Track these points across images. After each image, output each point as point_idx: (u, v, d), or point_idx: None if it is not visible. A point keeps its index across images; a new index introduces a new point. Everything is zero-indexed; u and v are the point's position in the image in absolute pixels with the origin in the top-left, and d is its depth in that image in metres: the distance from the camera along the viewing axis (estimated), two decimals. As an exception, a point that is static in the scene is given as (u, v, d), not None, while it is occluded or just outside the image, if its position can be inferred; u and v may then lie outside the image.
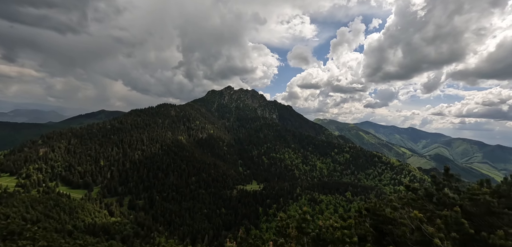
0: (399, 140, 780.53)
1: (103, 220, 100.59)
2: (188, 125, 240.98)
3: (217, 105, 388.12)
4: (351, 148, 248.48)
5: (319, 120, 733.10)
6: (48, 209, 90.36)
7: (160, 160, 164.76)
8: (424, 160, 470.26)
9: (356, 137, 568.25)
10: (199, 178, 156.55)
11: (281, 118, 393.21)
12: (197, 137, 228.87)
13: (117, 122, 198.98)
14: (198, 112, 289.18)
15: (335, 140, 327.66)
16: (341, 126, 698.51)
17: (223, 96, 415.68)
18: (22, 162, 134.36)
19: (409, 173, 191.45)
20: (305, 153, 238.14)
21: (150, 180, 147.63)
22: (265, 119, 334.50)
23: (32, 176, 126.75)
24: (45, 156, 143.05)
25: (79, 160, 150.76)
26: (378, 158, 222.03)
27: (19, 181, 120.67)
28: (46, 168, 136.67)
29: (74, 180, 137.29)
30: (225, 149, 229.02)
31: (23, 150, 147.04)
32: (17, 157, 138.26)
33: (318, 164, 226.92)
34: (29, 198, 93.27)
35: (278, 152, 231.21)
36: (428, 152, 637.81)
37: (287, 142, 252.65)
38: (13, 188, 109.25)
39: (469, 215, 4.98)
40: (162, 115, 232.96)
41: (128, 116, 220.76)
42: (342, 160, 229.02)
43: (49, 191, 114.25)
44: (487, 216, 4.72)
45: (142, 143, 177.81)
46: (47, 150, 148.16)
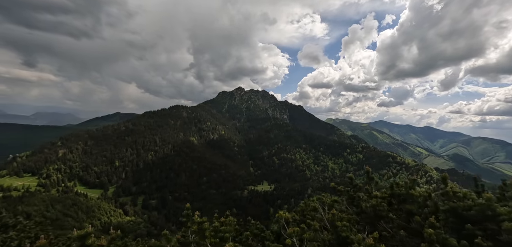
0: (415, 140, 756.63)
1: (118, 219, 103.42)
2: (199, 126, 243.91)
3: (227, 106, 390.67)
4: (364, 147, 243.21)
5: (331, 120, 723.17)
6: (67, 208, 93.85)
7: (172, 160, 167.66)
8: (442, 160, 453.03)
9: (369, 136, 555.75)
10: (210, 179, 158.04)
11: (292, 118, 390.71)
12: (208, 138, 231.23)
13: (130, 124, 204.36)
14: (209, 114, 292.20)
15: (348, 139, 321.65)
16: (353, 126, 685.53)
17: (234, 97, 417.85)
18: (43, 162, 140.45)
19: (425, 173, 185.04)
20: (316, 153, 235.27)
21: (162, 180, 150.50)
22: (275, 119, 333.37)
23: (52, 176, 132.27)
24: (63, 157, 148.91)
25: (95, 160, 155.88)
26: (393, 158, 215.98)
27: (40, 180, 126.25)
28: (64, 168, 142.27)
29: (90, 180, 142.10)
30: (235, 149, 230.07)
31: (44, 151, 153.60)
32: (38, 157, 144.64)
33: (330, 164, 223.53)
34: (49, 197, 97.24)
35: (289, 152, 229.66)
36: (446, 151, 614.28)
37: (298, 142, 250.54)
38: (35, 187, 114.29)
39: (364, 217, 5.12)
40: (174, 117, 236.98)
41: (141, 118, 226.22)
42: (355, 160, 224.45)
43: (67, 191, 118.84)
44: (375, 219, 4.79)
45: (155, 144, 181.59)
46: (65, 151, 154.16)
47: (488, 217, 3.46)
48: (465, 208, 3.72)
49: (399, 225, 4.35)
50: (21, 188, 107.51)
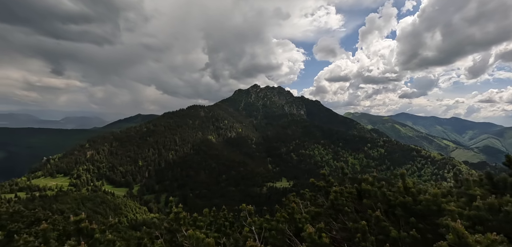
0: (441, 132, 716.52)
1: (143, 216, 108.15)
2: (217, 125, 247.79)
3: (244, 104, 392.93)
4: (385, 142, 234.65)
5: (349, 114, 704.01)
6: (96, 205, 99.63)
7: (191, 159, 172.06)
8: (472, 153, 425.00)
9: (391, 130, 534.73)
10: (229, 176, 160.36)
11: (309, 114, 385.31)
12: (226, 136, 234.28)
13: (151, 125, 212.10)
14: (226, 112, 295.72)
15: (368, 134, 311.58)
16: (374, 119, 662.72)
17: (250, 95, 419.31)
18: (73, 163, 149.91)
19: (453, 167, 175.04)
20: (335, 149, 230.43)
21: (183, 178, 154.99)
22: (292, 115, 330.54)
23: (82, 176, 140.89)
24: (91, 158, 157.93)
25: (120, 161, 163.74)
26: (417, 152, 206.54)
27: (71, 180, 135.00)
28: (93, 169, 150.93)
29: (117, 179, 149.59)
30: (253, 147, 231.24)
31: (74, 153, 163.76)
32: (69, 159, 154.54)
33: (350, 160, 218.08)
34: (80, 196, 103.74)
35: (307, 148, 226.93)
36: (476, 144, 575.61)
37: (316, 138, 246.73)
38: (67, 187, 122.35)
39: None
40: (192, 117, 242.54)
41: (161, 119, 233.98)
42: (376, 155, 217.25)
43: (96, 189, 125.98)
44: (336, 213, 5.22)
45: (175, 144, 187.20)
46: (93, 152, 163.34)
47: (433, 211, 3.76)
48: (413, 203, 4.08)
49: (355, 219, 4.70)
50: (55, 188, 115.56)
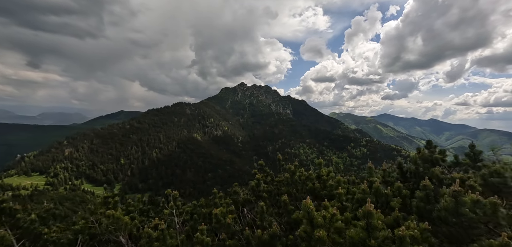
0: (420, 132, 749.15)
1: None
2: (203, 123, 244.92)
3: (231, 102, 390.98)
4: (368, 141, 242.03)
5: (334, 114, 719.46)
6: (75, 205, 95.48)
7: (177, 157, 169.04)
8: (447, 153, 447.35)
9: (374, 130, 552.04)
10: (215, 174, 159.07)
11: (295, 113, 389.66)
12: (212, 134, 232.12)
13: (135, 122, 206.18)
14: (213, 110, 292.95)
15: (352, 133, 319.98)
16: (358, 119, 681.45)
17: (237, 93, 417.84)
18: (50, 161, 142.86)
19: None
20: (320, 148, 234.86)
21: (168, 176, 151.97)
22: (279, 115, 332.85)
23: (59, 174, 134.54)
24: (70, 156, 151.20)
25: (101, 158, 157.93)
26: (397, 151, 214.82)
27: (47, 179, 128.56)
28: (71, 167, 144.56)
29: (97, 178, 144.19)
30: (240, 145, 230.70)
31: (51, 151, 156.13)
32: (45, 157, 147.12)
33: (334, 159, 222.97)
34: (57, 195, 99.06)
35: (293, 147, 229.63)
36: (452, 144, 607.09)
37: (302, 137, 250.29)
38: (43, 186, 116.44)
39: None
40: (178, 114, 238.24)
41: (145, 116, 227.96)
42: (359, 154, 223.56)
43: (75, 188, 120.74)
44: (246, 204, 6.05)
45: (160, 141, 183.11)
46: (72, 150, 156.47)
47: (333, 195, 4.47)
48: (321, 189, 4.97)
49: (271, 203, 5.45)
50: (30, 187, 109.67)
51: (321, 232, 2.70)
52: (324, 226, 2.81)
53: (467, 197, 2.91)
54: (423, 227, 2.69)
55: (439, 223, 3.15)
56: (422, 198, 3.50)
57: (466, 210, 2.87)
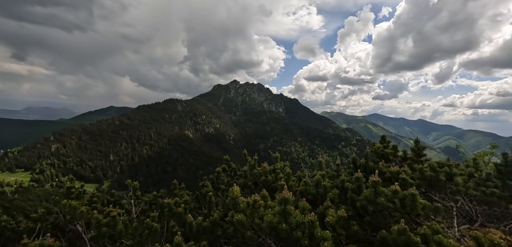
0: (409, 132, 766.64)
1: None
2: (194, 120, 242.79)
3: (223, 99, 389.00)
4: (358, 140, 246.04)
5: (326, 113, 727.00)
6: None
7: (168, 154, 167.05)
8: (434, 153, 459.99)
9: (364, 129, 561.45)
10: (206, 172, 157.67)
11: (287, 111, 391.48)
12: (204, 132, 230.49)
13: (125, 118, 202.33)
14: (205, 107, 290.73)
15: (342, 132, 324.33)
16: (349, 119, 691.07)
17: (229, 90, 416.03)
18: (36, 158, 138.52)
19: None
20: (312, 146, 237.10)
21: (159, 174, 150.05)
22: (271, 113, 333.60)
23: (46, 171, 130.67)
24: (57, 152, 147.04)
25: (90, 155, 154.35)
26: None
27: (33, 176, 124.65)
28: (58, 163, 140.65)
29: (85, 175, 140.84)
30: (231, 143, 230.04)
31: (36, 147, 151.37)
32: (31, 153, 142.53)
33: (324, 157, 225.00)
34: (43, 192, 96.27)
35: (285, 145, 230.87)
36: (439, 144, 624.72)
37: (293, 135, 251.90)
38: (28, 182, 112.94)
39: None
40: (169, 111, 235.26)
41: (136, 112, 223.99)
42: (349, 152, 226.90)
43: (61, 185, 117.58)
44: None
45: (150, 138, 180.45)
46: (59, 146, 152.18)
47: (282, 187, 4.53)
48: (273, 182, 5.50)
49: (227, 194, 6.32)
50: (14, 184, 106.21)
51: (241, 216, 2.95)
52: (245, 211, 3.04)
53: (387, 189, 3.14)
54: (340, 214, 2.93)
55: (363, 212, 3.37)
56: (355, 189, 3.79)
57: (381, 199, 3.12)
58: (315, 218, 2.67)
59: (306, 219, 2.70)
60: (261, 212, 3.09)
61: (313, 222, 2.65)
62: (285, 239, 2.82)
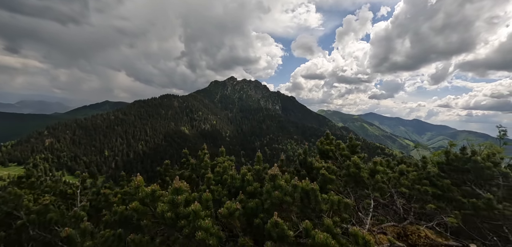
0: (404, 132, 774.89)
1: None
2: (191, 116, 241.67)
3: (220, 96, 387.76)
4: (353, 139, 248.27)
5: (323, 111, 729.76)
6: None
7: (163, 150, 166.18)
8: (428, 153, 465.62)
9: (360, 128, 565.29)
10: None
11: (284, 109, 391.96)
12: (200, 128, 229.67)
13: (120, 113, 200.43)
14: (201, 103, 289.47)
15: (338, 131, 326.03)
16: (345, 117, 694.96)
17: (226, 87, 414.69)
18: (29, 152, 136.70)
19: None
20: (308, 144, 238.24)
21: (154, 170, 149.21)
22: (268, 110, 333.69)
23: (39, 165, 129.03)
24: (51, 146, 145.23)
25: (84, 150, 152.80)
26: (381, 150, 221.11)
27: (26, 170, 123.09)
28: (52, 158, 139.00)
29: (79, 170, 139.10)
30: (228, 140, 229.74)
31: (30, 141, 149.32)
32: (24, 147, 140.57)
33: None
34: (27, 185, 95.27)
35: (281, 143, 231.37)
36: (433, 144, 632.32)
37: (290, 133, 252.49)
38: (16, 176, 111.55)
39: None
40: (165, 106, 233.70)
41: (131, 107, 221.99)
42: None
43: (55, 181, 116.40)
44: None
45: (146, 134, 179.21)
46: (52, 140, 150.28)
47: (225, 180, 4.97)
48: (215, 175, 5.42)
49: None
50: (7, 178, 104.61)
51: (135, 204, 3.21)
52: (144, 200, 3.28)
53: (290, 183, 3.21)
54: (234, 207, 3.14)
55: (267, 204, 3.45)
56: (253, 182, 4.14)
57: (275, 192, 3.20)
58: (198, 208, 2.87)
59: (189, 209, 2.88)
60: (160, 202, 3.21)
61: (196, 212, 2.84)
62: (172, 227, 3.00)
